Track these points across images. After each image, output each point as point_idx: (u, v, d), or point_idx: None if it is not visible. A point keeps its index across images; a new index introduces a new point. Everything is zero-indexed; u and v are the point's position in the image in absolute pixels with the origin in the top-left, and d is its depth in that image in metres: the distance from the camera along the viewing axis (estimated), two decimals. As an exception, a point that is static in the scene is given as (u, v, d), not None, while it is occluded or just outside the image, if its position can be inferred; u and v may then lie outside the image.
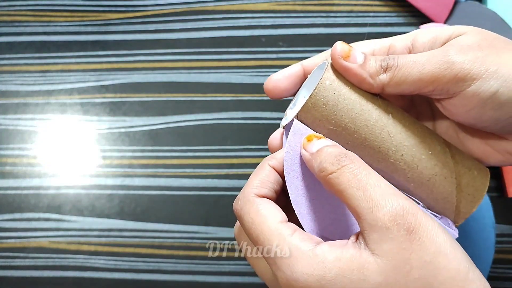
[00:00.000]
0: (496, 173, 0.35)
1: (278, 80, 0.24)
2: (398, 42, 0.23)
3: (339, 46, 0.21)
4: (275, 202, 0.22)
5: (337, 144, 0.22)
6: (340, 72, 0.22)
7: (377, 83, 0.21)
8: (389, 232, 0.18)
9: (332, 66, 0.22)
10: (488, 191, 0.35)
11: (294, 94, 0.25)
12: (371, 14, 0.39)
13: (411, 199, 0.19)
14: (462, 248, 0.18)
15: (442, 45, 0.21)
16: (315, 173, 0.21)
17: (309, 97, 0.22)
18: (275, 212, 0.21)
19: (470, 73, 0.19)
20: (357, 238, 0.19)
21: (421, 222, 0.18)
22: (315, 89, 0.22)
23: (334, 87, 0.22)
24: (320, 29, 0.38)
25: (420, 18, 0.38)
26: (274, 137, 0.26)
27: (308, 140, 0.22)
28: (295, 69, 0.25)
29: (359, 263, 0.18)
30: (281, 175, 0.23)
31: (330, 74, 0.22)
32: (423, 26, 0.36)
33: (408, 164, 0.22)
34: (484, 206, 0.33)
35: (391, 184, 0.19)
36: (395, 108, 0.23)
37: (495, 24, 0.36)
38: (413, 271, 0.17)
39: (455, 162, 0.23)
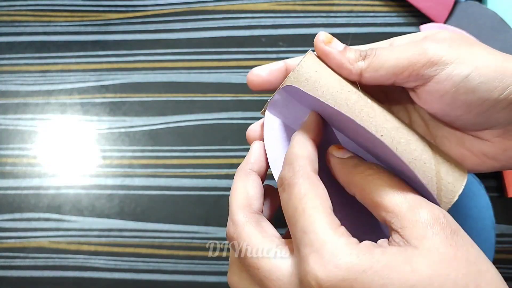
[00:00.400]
0: (496, 173, 0.35)
1: (260, 72, 0.25)
2: (377, 46, 0.24)
3: (322, 34, 0.23)
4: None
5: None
6: (321, 57, 0.23)
7: (355, 69, 0.22)
8: (433, 229, 0.18)
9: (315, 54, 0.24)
10: (488, 191, 0.35)
11: (275, 89, 0.26)
12: (371, 14, 0.39)
13: None
14: None
15: None
16: (343, 171, 0.22)
17: (292, 71, 0.23)
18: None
19: (443, 58, 0.21)
20: (388, 241, 0.19)
21: (461, 228, 0.19)
22: (298, 65, 0.23)
23: (316, 66, 0.23)
24: (320, 29, 0.38)
25: (420, 18, 0.38)
26: (253, 129, 0.26)
27: (339, 148, 0.22)
28: (278, 65, 0.25)
29: (406, 256, 0.18)
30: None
31: (312, 56, 0.23)
32: (423, 26, 0.36)
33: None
34: (484, 206, 0.33)
35: None
36: (373, 98, 0.24)
37: (495, 24, 0.36)
38: (461, 266, 0.17)
39: (433, 152, 0.23)
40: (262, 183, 0.24)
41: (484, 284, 0.17)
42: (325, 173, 0.23)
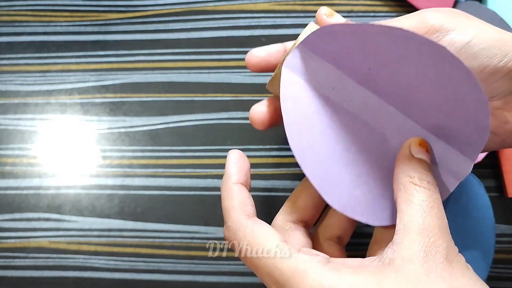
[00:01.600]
0: (496, 173, 0.35)
1: (258, 52, 0.26)
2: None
3: (324, 8, 0.24)
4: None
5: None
6: None
7: None
8: (425, 255, 0.19)
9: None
10: (488, 191, 0.35)
11: (273, 69, 0.26)
12: (371, 14, 0.39)
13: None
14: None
15: None
16: (403, 166, 0.22)
17: (301, 34, 0.23)
18: (273, 232, 0.21)
19: (444, 25, 0.21)
20: (381, 253, 0.20)
21: (459, 260, 0.19)
22: (305, 29, 0.23)
23: None
24: (320, 29, 0.39)
25: (420, 18, 0.38)
26: (257, 110, 0.26)
27: (421, 145, 0.22)
28: (277, 46, 0.26)
29: (379, 278, 0.18)
30: (246, 186, 0.23)
31: (315, 25, 0.24)
32: (423, 26, 0.36)
33: None
34: (484, 206, 0.33)
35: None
36: None
37: (495, 24, 0.35)
38: None
39: None
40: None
41: None
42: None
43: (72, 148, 0.38)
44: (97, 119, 0.38)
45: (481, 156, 0.34)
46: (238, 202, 0.23)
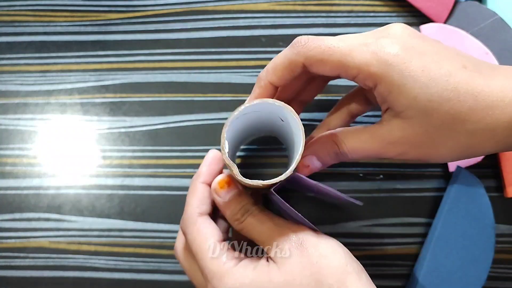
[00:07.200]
0: (496, 173, 0.35)
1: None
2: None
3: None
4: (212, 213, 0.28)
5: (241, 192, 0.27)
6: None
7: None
8: (290, 257, 0.24)
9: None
10: (488, 191, 0.35)
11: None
12: (371, 14, 0.39)
13: (304, 229, 0.25)
14: (344, 249, 0.25)
15: None
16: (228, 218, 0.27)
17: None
18: (214, 232, 0.26)
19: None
20: (267, 260, 0.25)
21: (309, 240, 0.24)
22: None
23: None
24: (320, 29, 0.38)
25: (420, 18, 0.38)
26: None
27: (221, 187, 0.27)
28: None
29: (268, 270, 0.24)
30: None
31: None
32: (423, 27, 0.36)
33: None
34: (484, 206, 0.33)
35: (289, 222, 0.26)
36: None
37: (495, 24, 0.36)
38: (305, 270, 0.23)
39: None
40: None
41: (323, 277, 0.23)
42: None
43: (72, 148, 0.38)
44: (97, 119, 0.38)
45: (481, 156, 0.34)
46: (197, 200, 0.27)
